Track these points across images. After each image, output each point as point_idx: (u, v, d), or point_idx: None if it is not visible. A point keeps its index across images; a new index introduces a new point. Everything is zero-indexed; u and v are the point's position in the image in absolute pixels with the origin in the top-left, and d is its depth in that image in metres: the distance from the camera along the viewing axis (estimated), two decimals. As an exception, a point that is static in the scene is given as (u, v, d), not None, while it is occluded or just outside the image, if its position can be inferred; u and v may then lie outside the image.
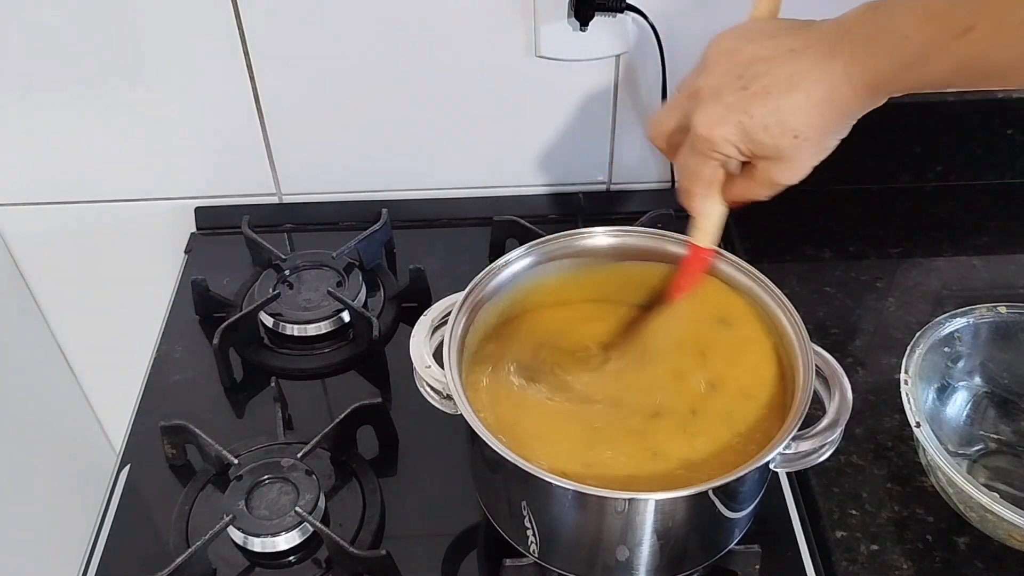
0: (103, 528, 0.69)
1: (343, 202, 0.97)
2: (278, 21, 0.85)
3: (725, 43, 0.54)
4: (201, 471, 0.71)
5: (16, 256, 1.01)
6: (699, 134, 0.53)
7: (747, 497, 0.59)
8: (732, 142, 0.53)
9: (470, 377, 0.62)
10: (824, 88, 0.50)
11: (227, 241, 0.94)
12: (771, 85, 0.51)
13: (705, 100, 0.53)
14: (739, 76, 0.52)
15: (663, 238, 0.67)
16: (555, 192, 0.98)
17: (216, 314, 0.85)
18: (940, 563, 0.63)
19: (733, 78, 0.52)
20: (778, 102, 0.51)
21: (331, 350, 0.82)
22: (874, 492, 0.68)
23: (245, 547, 0.65)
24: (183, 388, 0.80)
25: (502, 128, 0.93)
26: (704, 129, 0.53)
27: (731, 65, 0.53)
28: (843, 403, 0.58)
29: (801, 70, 0.51)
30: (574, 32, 0.84)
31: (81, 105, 0.89)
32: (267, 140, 0.93)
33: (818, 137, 0.52)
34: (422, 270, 0.85)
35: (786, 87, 0.51)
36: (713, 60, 0.54)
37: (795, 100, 0.51)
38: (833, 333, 0.80)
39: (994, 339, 0.70)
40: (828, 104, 0.51)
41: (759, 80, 0.51)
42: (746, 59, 0.52)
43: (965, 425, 0.71)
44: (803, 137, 0.52)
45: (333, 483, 0.70)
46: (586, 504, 0.55)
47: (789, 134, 0.51)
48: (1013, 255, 0.89)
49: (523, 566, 0.61)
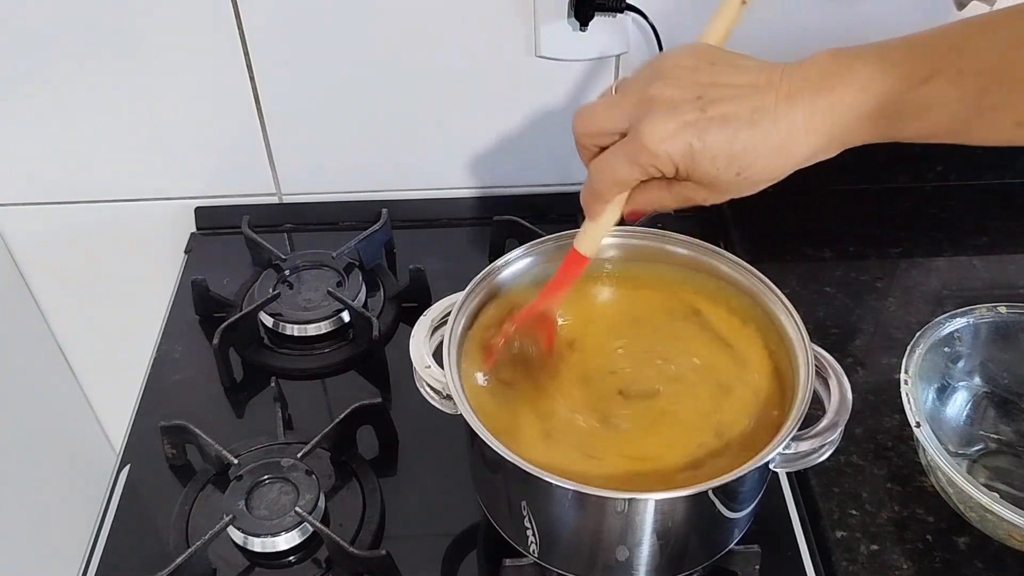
0: (103, 528, 0.69)
1: (343, 202, 0.97)
2: (278, 21, 0.85)
3: (684, 58, 0.52)
4: (201, 471, 0.71)
5: (16, 256, 1.01)
6: (644, 144, 0.51)
7: (747, 497, 0.59)
8: (675, 161, 0.51)
9: (470, 377, 0.62)
10: (781, 133, 0.49)
11: (227, 241, 0.94)
12: (731, 115, 0.50)
13: (658, 111, 0.50)
14: (698, 96, 0.50)
15: (663, 238, 0.67)
16: (555, 192, 0.98)
17: (216, 314, 0.85)
18: (940, 563, 0.63)
19: (692, 96, 0.50)
20: (736, 134, 0.49)
21: (331, 350, 0.82)
22: (874, 492, 0.68)
23: (245, 547, 0.65)
24: (183, 388, 0.80)
25: (502, 128, 0.93)
26: (651, 141, 0.50)
27: (691, 82, 0.51)
28: (843, 403, 0.58)
29: (763, 107, 0.49)
30: (574, 32, 0.84)
31: (81, 105, 0.89)
32: (267, 140, 0.93)
33: (758, 179, 0.51)
34: (422, 270, 0.85)
35: (746, 121, 0.49)
36: (671, 72, 0.52)
37: (751, 138, 0.49)
38: (833, 333, 0.80)
39: (994, 339, 0.70)
40: (781, 151, 0.50)
41: (718, 105, 0.50)
42: (707, 80, 0.51)
43: (965, 425, 0.71)
44: (744, 176, 0.51)
45: (333, 483, 0.70)
46: (586, 504, 0.55)
47: (733, 170, 0.50)
48: (1013, 255, 0.89)
49: (523, 566, 0.61)
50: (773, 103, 0.49)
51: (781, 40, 0.89)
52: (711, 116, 0.50)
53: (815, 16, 0.86)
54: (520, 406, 0.61)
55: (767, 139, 0.50)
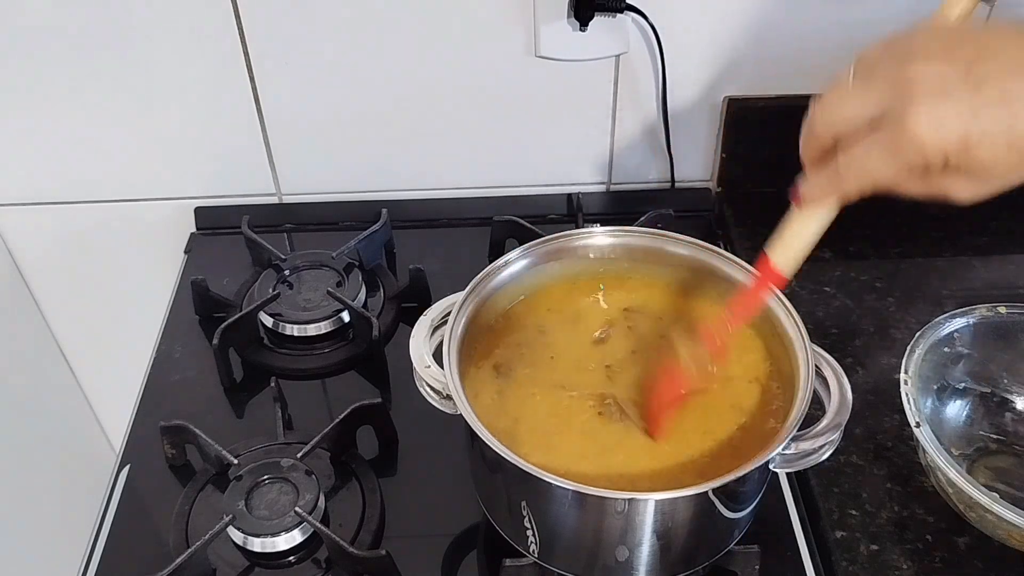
0: (103, 528, 0.69)
1: (343, 202, 0.97)
2: (278, 21, 0.85)
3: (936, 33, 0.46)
4: (201, 471, 0.71)
5: (16, 256, 1.01)
6: (910, 134, 0.44)
7: (747, 497, 0.59)
8: (945, 150, 0.44)
9: (470, 377, 0.62)
10: None
11: (227, 241, 0.94)
12: (1010, 91, 0.43)
13: (927, 94, 0.44)
14: (968, 72, 0.43)
15: (663, 238, 0.67)
16: (555, 192, 0.98)
17: (216, 314, 0.85)
18: (940, 563, 0.63)
19: (961, 71, 0.44)
20: (1018, 114, 0.43)
21: (331, 350, 0.82)
22: (874, 492, 0.68)
23: (245, 547, 0.65)
24: (183, 388, 0.80)
25: (502, 128, 0.93)
26: (919, 129, 0.44)
27: (954, 58, 0.44)
28: (843, 403, 0.58)
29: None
30: (574, 32, 0.84)
31: (81, 105, 0.89)
32: (267, 140, 0.93)
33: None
34: (422, 270, 0.85)
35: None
36: (926, 48, 0.45)
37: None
38: (833, 333, 0.80)
39: (994, 339, 0.70)
40: None
41: (991, 82, 0.43)
42: (973, 55, 0.44)
43: (965, 425, 0.71)
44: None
45: (333, 483, 0.70)
46: (586, 504, 0.55)
47: (1015, 155, 0.44)
48: (1013, 255, 0.89)
49: (523, 566, 0.61)
50: None
51: (782, 41, 0.89)
52: (987, 95, 0.43)
53: (815, 17, 0.86)
54: (519, 406, 0.61)
55: None
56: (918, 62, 0.45)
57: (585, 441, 0.59)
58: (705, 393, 0.61)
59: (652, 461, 0.57)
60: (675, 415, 0.59)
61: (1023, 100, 0.43)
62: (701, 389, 0.60)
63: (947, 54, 0.45)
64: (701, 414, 0.60)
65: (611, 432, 0.59)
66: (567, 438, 0.59)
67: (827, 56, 0.89)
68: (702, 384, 0.60)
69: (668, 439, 0.59)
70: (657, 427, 0.59)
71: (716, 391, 0.62)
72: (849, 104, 0.48)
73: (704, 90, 0.92)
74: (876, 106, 0.46)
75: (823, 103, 0.49)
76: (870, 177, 0.48)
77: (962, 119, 0.44)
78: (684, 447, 0.58)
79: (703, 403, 0.61)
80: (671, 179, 0.97)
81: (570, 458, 0.57)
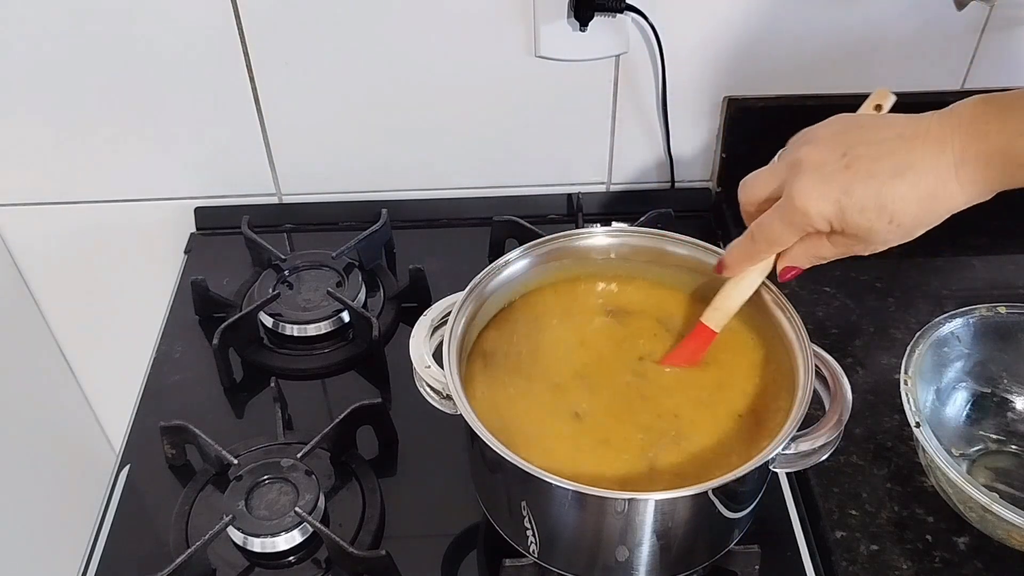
0: (103, 528, 0.69)
1: (343, 202, 0.97)
2: (278, 22, 0.85)
3: (835, 124, 0.54)
4: (201, 471, 0.71)
5: (16, 256, 1.01)
6: (796, 205, 0.53)
7: (747, 497, 0.59)
8: (826, 217, 0.52)
9: (470, 377, 0.62)
10: (930, 181, 0.50)
11: (227, 241, 0.94)
12: (876, 170, 0.51)
13: (805, 172, 0.52)
14: (843, 154, 0.52)
15: (662, 238, 0.67)
16: (555, 192, 0.98)
17: (216, 314, 0.85)
18: (940, 563, 0.63)
19: (837, 155, 0.52)
20: (880, 187, 0.50)
21: (331, 350, 0.82)
22: (874, 492, 0.68)
23: (245, 547, 0.65)
24: (183, 388, 0.80)
25: (502, 128, 0.93)
26: (801, 201, 0.52)
27: (836, 143, 0.52)
28: (843, 403, 0.58)
29: (909, 160, 0.50)
30: (574, 32, 0.84)
31: (81, 105, 0.89)
32: (267, 140, 0.93)
33: (912, 227, 0.52)
34: (422, 270, 0.85)
35: (890, 173, 0.50)
36: (820, 137, 0.54)
37: (898, 189, 0.50)
38: (833, 333, 0.80)
39: (994, 339, 0.70)
40: (932, 199, 0.51)
41: (862, 162, 0.51)
42: (853, 140, 0.52)
43: (965, 425, 0.71)
44: (897, 223, 0.51)
45: (333, 483, 0.70)
46: (586, 504, 0.55)
47: (885, 218, 0.51)
48: (1013, 255, 0.89)
49: (523, 566, 0.61)
50: (920, 154, 0.50)
51: (782, 41, 0.89)
52: (856, 171, 0.51)
53: (815, 17, 0.86)
54: (519, 406, 0.61)
55: (916, 188, 0.50)
56: (808, 146, 0.53)
57: (586, 441, 0.59)
58: (705, 393, 0.61)
59: (652, 460, 0.57)
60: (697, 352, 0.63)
61: (886, 174, 0.50)
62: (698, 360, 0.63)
63: (832, 139, 0.53)
64: (701, 413, 0.60)
65: (612, 432, 0.59)
66: (568, 438, 0.59)
67: (827, 56, 0.89)
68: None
69: (667, 440, 0.59)
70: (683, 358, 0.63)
71: (716, 391, 0.62)
72: (760, 182, 0.57)
73: (704, 90, 0.92)
74: (778, 182, 0.55)
75: (744, 182, 0.58)
76: (772, 239, 0.56)
77: (834, 191, 0.51)
78: (684, 449, 0.58)
79: (703, 402, 0.61)
80: (671, 179, 0.97)
81: (570, 458, 0.57)
